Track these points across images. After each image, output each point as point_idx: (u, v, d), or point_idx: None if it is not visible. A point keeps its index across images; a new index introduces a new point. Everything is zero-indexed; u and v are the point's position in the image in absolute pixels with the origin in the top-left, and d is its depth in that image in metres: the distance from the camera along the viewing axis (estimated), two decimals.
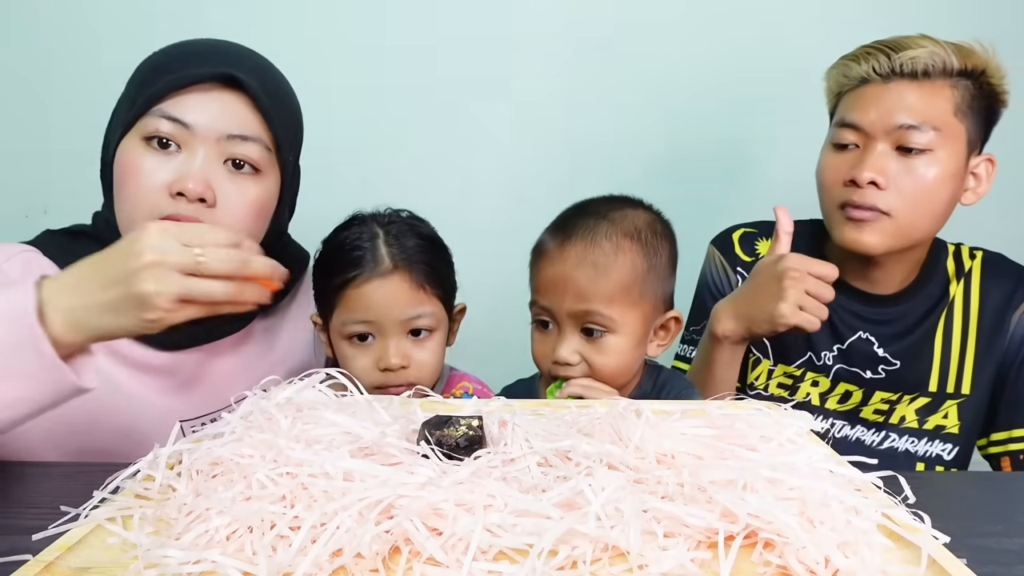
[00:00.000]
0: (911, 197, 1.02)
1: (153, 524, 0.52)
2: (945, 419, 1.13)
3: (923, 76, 1.01)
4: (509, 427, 0.62)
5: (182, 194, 0.83)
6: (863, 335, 1.12)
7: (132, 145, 0.85)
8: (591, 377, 0.94)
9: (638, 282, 0.93)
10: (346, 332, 0.97)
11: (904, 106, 1.01)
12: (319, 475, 0.53)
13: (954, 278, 1.14)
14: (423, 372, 0.97)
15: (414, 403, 0.70)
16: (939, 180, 1.02)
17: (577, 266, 0.92)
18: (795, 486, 0.52)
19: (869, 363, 1.12)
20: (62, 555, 0.48)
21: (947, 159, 1.02)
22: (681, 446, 0.58)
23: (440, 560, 0.46)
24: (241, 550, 0.47)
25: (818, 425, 0.65)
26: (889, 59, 1.02)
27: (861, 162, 1.02)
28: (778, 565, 0.47)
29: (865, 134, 1.03)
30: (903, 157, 1.02)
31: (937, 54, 1.01)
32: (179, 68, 0.85)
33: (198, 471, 0.57)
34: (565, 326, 0.94)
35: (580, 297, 0.92)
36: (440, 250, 1.02)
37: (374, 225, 0.98)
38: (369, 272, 0.95)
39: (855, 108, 1.05)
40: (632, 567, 0.45)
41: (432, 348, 0.98)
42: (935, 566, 0.47)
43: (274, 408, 0.62)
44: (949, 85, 1.02)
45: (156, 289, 0.62)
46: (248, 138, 0.87)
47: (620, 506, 0.49)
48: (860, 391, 1.13)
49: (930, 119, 1.01)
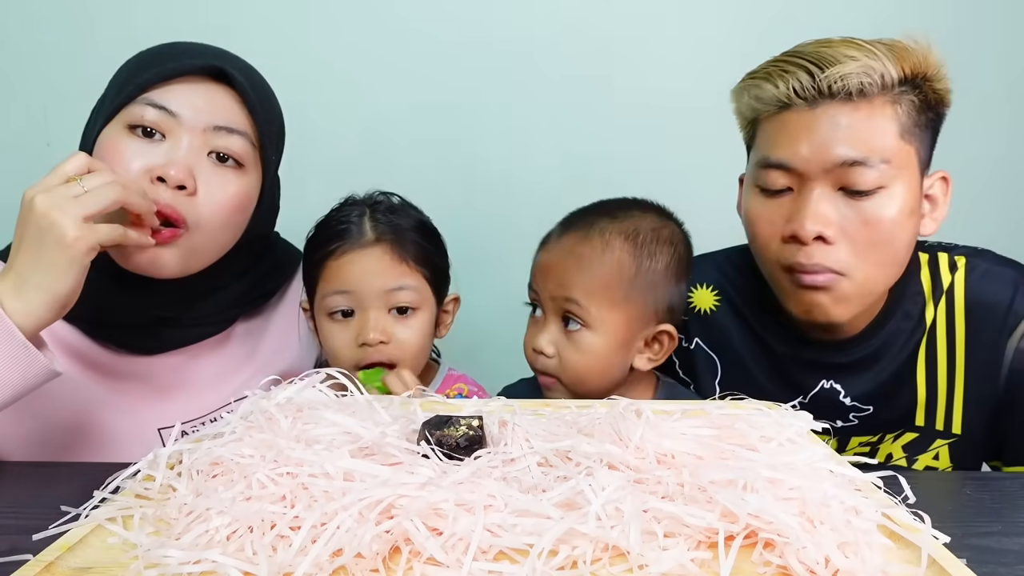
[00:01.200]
0: (867, 249, 0.84)
1: (153, 524, 0.52)
2: (936, 460, 0.98)
3: (858, 96, 0.82)
4: (509, 427, 0.62)
5: (162, 180, 0.81)
6: (826, 384, 0.96)
7: (115, 132, 0.83)
8: (561, 375, 0.94)
9: (623, 283, 0.91)
10: (327, 306, 0.97)
11: (841, 136, 0.82)
12: (319, 475, 0.53)
13: (930, 299, 0.95)
14: (404, 351, 0.96)
15: (414, 403, 0.70)
16: (897, 222, 0.84)
17: (566, 255, 0.93)
18: (795, 486, 0.52)
19: (839, 413, 0.96)
20: (62, 555, 0.48)
21: (902, 193, 0.84)
22: (681, 446, 0.58)
23: (440, 560, 0.46)
24: (241, 550, 0.47)
25: (818, 425, 0.65)
26: (813, 78, 0.83)
27: (798, 212, 0.84)
28: (778, 565, 0.47)
29: (797, 174, 0.85)
30: (850, 200, 0.84)
31: (871, 67, 0.82)
32: (167, 60, 0.85)
33: (198, 471, 0.57)
34: (548, 313, 0.94)
35: (560, 284, 0.92)
36: (429, 232, 1.02)
37: (363, 205, 1.00)
38: (351, 244, 0.96)
39: (780, 143, 0.86)
40: (632, 567, 0.45)
41: (415, 327, 0.97)
42: (935, 566, 0.47)
43: (274, 408, 0.62)
44: (890, 102, 0.83)
45: (58, 217, 0.70)
46: (234, 131, 0.86)
47: (620, 506, 0.49)
48: (834, 440, 0.99)
49: (876, 150, 0.82)
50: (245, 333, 0.99)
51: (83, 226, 0.70)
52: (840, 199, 0.84)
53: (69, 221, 0.70)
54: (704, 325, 1.05)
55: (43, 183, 0.73)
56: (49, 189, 0.72)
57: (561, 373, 0.94)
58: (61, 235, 0.70)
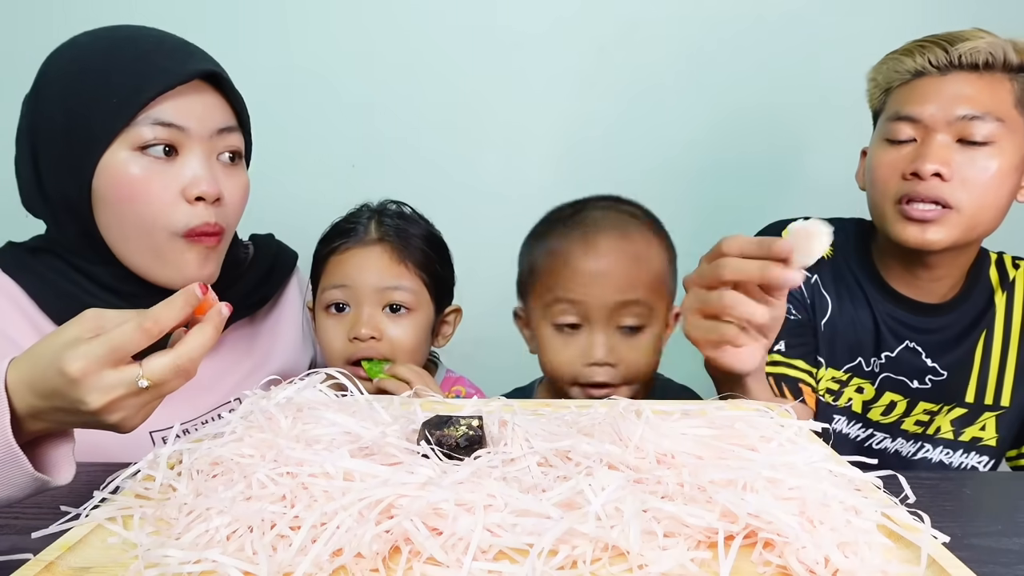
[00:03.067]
0: (976, 189, 0.98)
1: (153, 524, 0.52)
2: (982, 431, 1.10)
3: (984, 68, 0.98)
4: (509, 427, 0.62)
5: (200, 198, 0.83)
6: (910, 344, 1.09)
7: (124, 157, 0.81)
8: (626, 379, 0.93)
9: (666, 275, 0.94)
10: (324, 300, 1.00)
11: (965, 97, 0.98)
12: (319, 475, 0.53)
13: (998, 288, 1.11)
14: (395, 349, 0.98)
15: (414, 403, 0.70)
16: (1002, 172, 0.98)
17: (617, 259, 0.92)
18: (795, 486, 0.52)
19: (916, 373, 1.09)
20: (62, 555, 0.48)
21: (1010, 151, 0.98)
22: (681, 446, 0.58)
23: (440, 560, 0.46)
24: (241, 550, 0.47)
25: (818, 425, 0.65)
26: (946, 52, 0.99)
27: (922, 154, 0.98)
28: (778, 565, 0.47)
29: (924, 127, 0.99)
30: (965, 149, 0.98)
31: (997, 45, 0.98)
32: (152, 68, 0.81)
33: (198, 471, 0.57)
34: (597, 324, 0.92)
35: (622, 288, 0.91)
36: (435, 242, 1.04)
37: (374, 211, 1.04)
38: (354, 242, 0.99)
39: (911, 101, 1.01)
40: (632, 567, 0.45)
41: (407, 327, 0.99)
42: (935, 566, 0.47)
43: (274, 408, 0.62)
44: (1008, 78, 0.99)
45: (119, 419, 0.59)
46: (232, 128, 0.87)
47: (620, 506, 0.49)
48: (905, 401, 1.10)
49: (992, 110, 0.97)
50: (239, 335, 0.99)
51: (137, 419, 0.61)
52: (957, 148, 0.98)
53: (127, 421, 0.60)
54: (820, 267, 1.13)
55: (87, 359, 0.56)
56: (108, 391, 0.57)
57: (627, 378, 0.93)
58: (113, 426, 0.60)
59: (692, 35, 1.50)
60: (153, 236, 0.83)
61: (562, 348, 0.93)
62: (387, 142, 1.52)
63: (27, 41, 1.46)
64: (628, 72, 1.51)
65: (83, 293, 0.86)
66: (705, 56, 1.50)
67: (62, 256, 0.87)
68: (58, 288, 0.87)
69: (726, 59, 1.50)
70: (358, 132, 1.52)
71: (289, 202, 1.38)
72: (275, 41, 1.47)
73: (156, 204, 0.82)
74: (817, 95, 1.51)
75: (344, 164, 1.52)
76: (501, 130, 1.53)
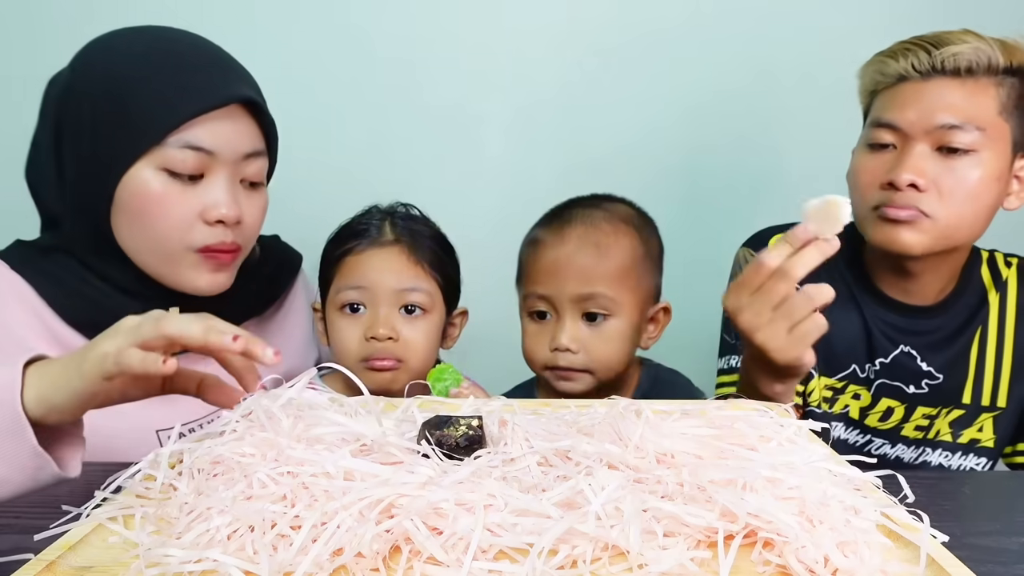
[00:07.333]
0: (953, 199, 0.95)
1: (154, 523, 0.52)
2: (980, 432, 1.10)
3: (966, 74, 0.95)
4: (509, 427, 0.62)
5: (221, 221, 0.83)
6: (904, 349, 1.08)
7: (149, 176, 0.81)
8: (590, 367, 0.95)
9: (636, 266, 0.95)
10: (340, 301, 0.99)
11: (945, 105, 0.95)
12: (320, 474, 0.53)
13: (991, 287, 1.10)
14: (410, 350, 0.98)
15: (412, 403, 0.70)
16: (982, 182, 0.96)
17: (579, 248, 0.94)
18: (794, 486, 0.52)
19: (912, 378, 1.08)
20: (64, 554, 0.48)
21: (991, 160, 0.96)
22: (681, 446, 0.58)
23: (440, 559, 0.46)
24: (242, 549, 0.47)
25: (817, 425, 0.65)
26: (929, 55, 0.96)
27: (899, 164, 0.97)
28: (777, 564, 0.47)
29: (903, 134, 0.98)
30: (944, 158, 0.96)
31: (982, 50, 0.95)
32: (190, 91, 0.81)
33: (199, 470, 0.57)
34: (565, 313, 0.94)
35: (584, 279, 0.93)
36: (446, 245, 1.05)
37: (384, 212, 1.04)
38: (369, 242, 0.99)
39: (892, 107, 0.99)
40: (632, 566, 0.46)
41: (422, 328, 0.99)
42: (934, 565, 0.47)
43: (275, 407, 0.62)
44: (994, 83, 0.96)
45: (115, 346, 0.60)
46: (259, 153, 0.88)
47: (620, 505, 0.49)
48: (902, 407, 1.09)
49: (973, 118, 0.95)
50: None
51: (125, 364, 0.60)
52: (937, 158, 0.96)
53: (121, 350, 0.60)
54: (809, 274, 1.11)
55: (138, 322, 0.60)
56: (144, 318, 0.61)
57: (590, 365, 0.95)
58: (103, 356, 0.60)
59: (693, 35, 1.50)
60: (167, 248, 0.84)
61: (535, 335, 0.99)
62: (387, 142, 1.52)
63: (28, 40, 1.47)
64: (630, 73, 1.51)
65: (96, 293, 0.86)
66: (707, 56, 1.51)
67: (75, 255, 0.87)
68: (70, 287, 0.86)
69: (727, 59, 1.50)
70: (358, 132, 1.52)
71: (290, 204, 1.38)
72: (275, 41, 1.46)
73: (174, 221, 0.83)
74: (807, 90, 1.51)
75: (344, 165, 1.51)
76: (501, 129, 1.53)
